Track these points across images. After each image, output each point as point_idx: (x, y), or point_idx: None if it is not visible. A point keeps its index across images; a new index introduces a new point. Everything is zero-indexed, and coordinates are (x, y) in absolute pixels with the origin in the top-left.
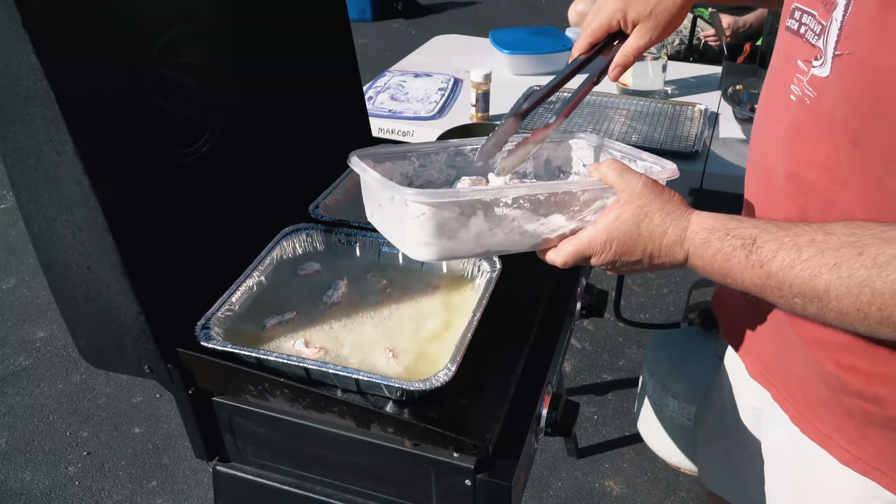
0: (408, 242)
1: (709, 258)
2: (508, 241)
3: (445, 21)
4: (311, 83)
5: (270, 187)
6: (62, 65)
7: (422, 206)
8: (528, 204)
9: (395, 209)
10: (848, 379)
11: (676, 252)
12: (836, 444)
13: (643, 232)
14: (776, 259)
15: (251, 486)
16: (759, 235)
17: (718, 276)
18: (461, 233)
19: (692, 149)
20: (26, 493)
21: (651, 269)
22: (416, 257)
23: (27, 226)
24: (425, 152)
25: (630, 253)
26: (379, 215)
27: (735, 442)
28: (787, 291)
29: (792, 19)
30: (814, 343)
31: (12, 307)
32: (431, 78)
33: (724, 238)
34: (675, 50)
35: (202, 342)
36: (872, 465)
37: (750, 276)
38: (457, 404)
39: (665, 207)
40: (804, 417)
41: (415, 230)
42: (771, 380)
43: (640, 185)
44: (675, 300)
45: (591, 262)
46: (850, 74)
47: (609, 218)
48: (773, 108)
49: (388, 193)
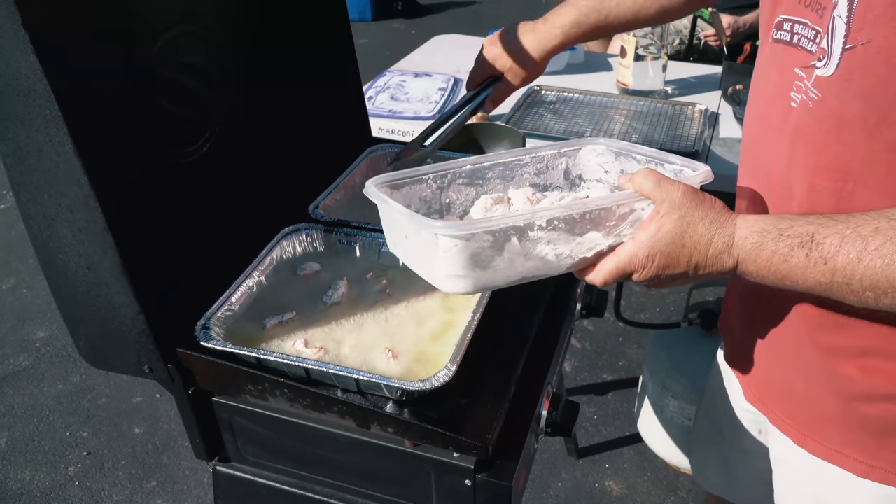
0: (438, 276)
1: (763, 262)
2: (544, 265)
3: (445, 21)
4: (311, 83)
5: (270, 187)
6: (62, 65)
7: (453, 240)
8: (563, 224)
9: (421, 242)
10: (873, 382)
11: (725, 260)
12: (848, 458)
13: (687, 243)
14: (841, 253)
15: (251, 486)
16: (816, 231)
17: (775, 280)
18: (496, 261)
19: (692, 149)
20: (26, 493)
21: (697, 280)
22: (448, 290)
23: (27, 226)
24: (442, 173)
25: (674, 266)
26: (403, 247)
27: (730, 443)
28: (858, 286)
29: (782, 31)
30: (834, 351)
31: (12, 307)
32: (431, 78)
33: (777, 239)
34: (675, 50)
35: (202, 342)
36: (893, 471)
37: (813, 274)
38: (457, 404)
39: (708, 215)
40: (809, 438)
41: (446, 264)
42: (768, 404)
43: (679, 195)
44: (675, 300)
45: (634, 279)
46: (867, 64)
47: (649, 231)
48: (770, 118)
49: (414, 226)
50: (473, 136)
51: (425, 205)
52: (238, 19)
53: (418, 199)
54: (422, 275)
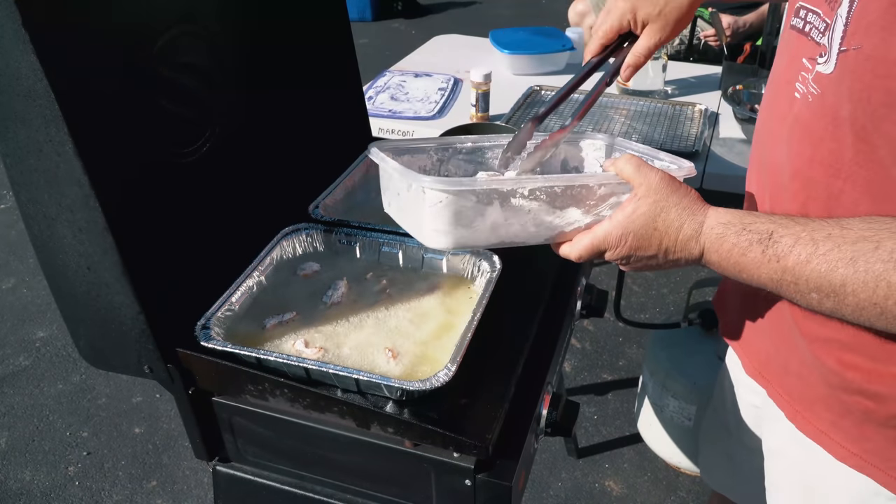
0: (424, 230)
1: (724, 253)
2: (524, 233)
3: (445, 21)
4: (311, 83)
5: (270, 187)
6: (62, 65)
7: (439, 194)
8: (544, 196)
9: (412, 198)
10: (849, 376)
11: (692, 247)
12: (832, 441)
13: (659, 227)
14: (792, 254)
15: (251, 486)
16: (775, 230)
17: (734, 272)
18: (477, 222)
19: (692, 149)
20: (26, 493)
21: (666, 266)
22: (431, 245)
23: (27, 226)
24: (444, 147)
25: (645, 248)
26: (396, 204)
27: (736, 440)
28: (804, 286)
29: (797, 18)
30: (816, 340)
31: (12, 307)
32: (431, 78)
33: (740, 233)
34: (675, 50)
35: (202, 342)
36: (869, 461)
37: (766, 270)
38: (457, 404)
39: (681, 203)
40: (800, 414)
41: (431, 218)
42: (767, 377)
43: (656, 180)
44: (675, 300)
45: (606, 257)
46: (857, 69)
47: (625, 212)
48: (777, 106)
49: (406, 182)
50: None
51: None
52: (238, 19)
53: (417, 167)
54: (410, 230)
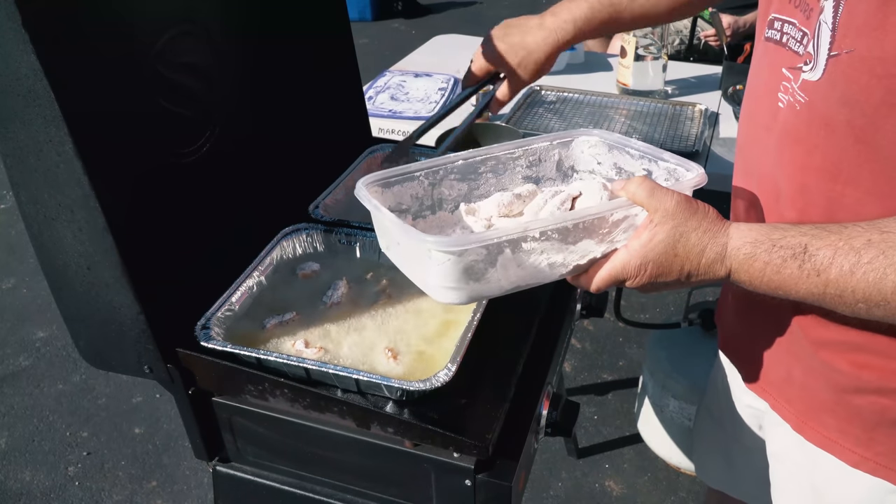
0: (431, 286)
1: (756, 273)
2: (539, 274)
3: (445, 21)
4: (311, 83)
5: (270, 187)
6: (62, 65)
7: (446, 255)
8: (556, 234)
9: (414, 250)
10: (864, 376)
11: (717, 269)
12: (842, 448)
13: (679, 252)
14: (834, 266)
15: (251, 486)
16: (809, 243)
17: (768, 289)
18: (489, 273)
19: (692, 149)
20: (26, 493)
21: (689, 286)
22: (441, 301)
23: (27, 226)
24: (433, 170)
25: (666, 274)
26: (395, 251)
27: (732, 438)
28: (850, 298)
29: (772, 30)
30: (826, 345)
31: (12, 307)
32: (431, 78)
33: (770, 251)
34: (675, 50)
35: (202, 342)
36: (882, 464)
37: (806, 286)
38: (457, 404)
39: (701, 225)
40: (806, 425)
41: (439, 276)
42: (768, 390)
43: (672, 204)
44: (675, 300)
45: (627, 286)
46: (850, 72)
47: (642, 240)
48: (759, 117)
49: (407, 239)
50: (474, 137)
51: (417, 202)
52: (238, 19)
53: (410, 196)
54: (415, 281)
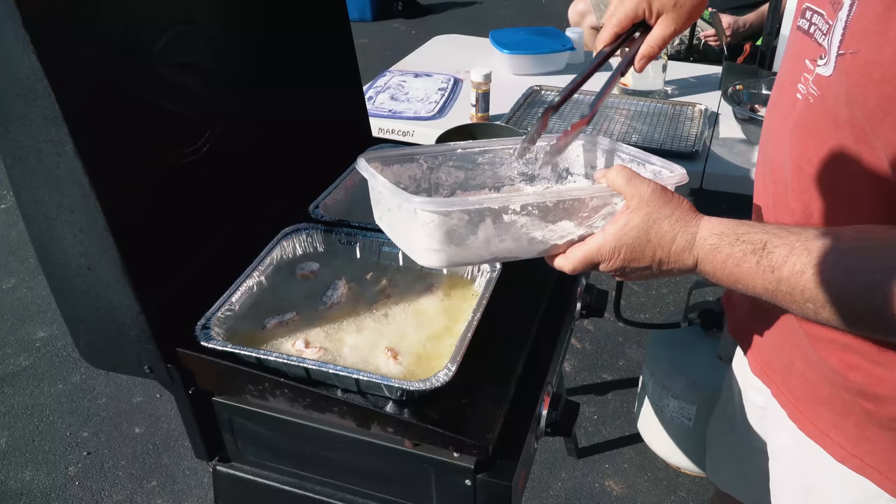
0: (415, 249)
1: (719, 264)
2: (517, 248)
3: (445, 21)
4: (311, 83)
5: (270, 187)
6: (62, 65)
7: (431, 215)
8: (536, 211)
9: (403, 215)
10: (851, 377)
11: (685, 258)
12: (833, 442)
13: (652, 238)
14: (787, 264)
15: (251, 486)
16: (769, 240)
17: (728, 282)
18: (469, 239)
19: (692, 149)
20: (26, 493)
21: (660, 276)
22: (423, 263)
23: (27, 226)
24: (433, 154)
25: (639, 259)
26: (387, 220)
27: (742, 440)
28: (799, 296)
29: (803, 19)
30: (819, 340)
31: (12, 307)
32: (431, 78)
33: (734, 244)
34: (675, 50)
35: (202, 342)
36: (869, 463)
37: (761, 281)
38: (457, 404)
39: (674, 214)
40: (802, 415)
41: (423, 237)
42: (771, 376)
43: (648, 192)
44: (675, 300)
45: (600, 269)
46: (854, 73)
47: (618, 224)
48: (781, 107)
49: (396, 201)
50: (473, 137)
51: (414, 183)
52: (238, 19)
53: (408, 177)
54: (401, 247)
